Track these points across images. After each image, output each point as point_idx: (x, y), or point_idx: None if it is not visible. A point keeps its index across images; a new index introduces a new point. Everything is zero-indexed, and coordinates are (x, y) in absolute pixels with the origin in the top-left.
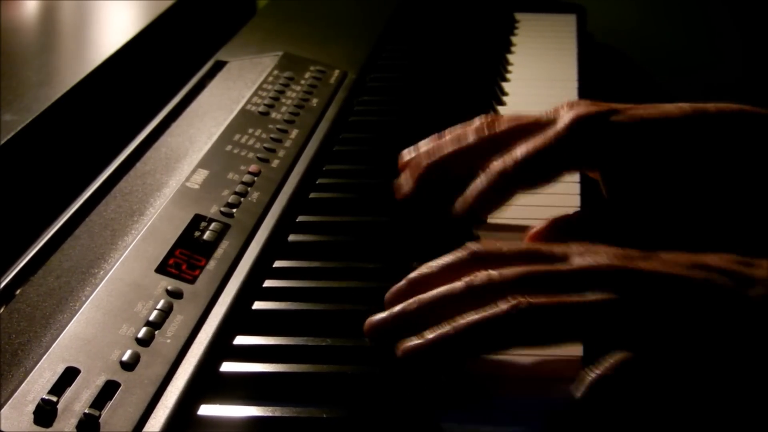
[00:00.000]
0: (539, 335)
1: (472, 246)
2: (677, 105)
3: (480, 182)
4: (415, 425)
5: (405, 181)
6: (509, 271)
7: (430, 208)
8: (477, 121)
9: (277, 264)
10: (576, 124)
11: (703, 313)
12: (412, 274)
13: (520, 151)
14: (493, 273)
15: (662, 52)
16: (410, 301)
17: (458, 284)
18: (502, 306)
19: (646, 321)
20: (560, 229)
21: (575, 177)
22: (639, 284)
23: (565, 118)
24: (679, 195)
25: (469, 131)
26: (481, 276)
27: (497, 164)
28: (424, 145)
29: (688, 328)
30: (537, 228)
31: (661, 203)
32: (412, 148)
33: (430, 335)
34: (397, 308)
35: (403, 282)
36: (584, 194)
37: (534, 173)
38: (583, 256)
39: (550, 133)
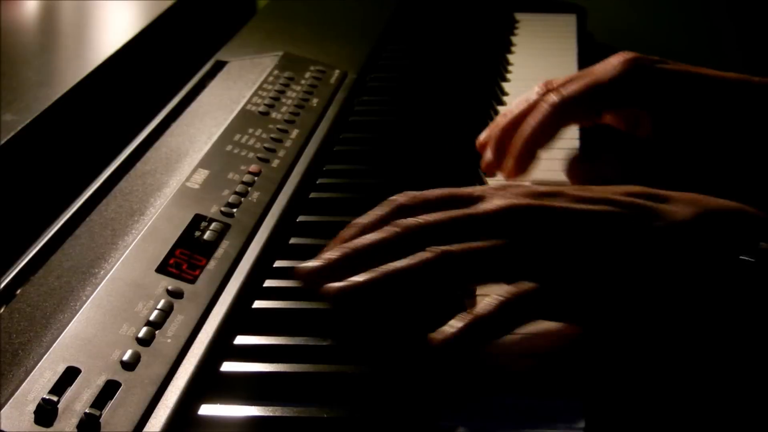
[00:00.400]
0: (456, 279)
1: (397, 197)
2: (722, 72)
3: (534, 116)
4: (415, 425)
5: (510, 166)
6: (429, 218)
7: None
8: (536, 89)
9: (278, 264)
10: (627, 63)
11: (605, 245)
12: (343, 230)
13: (572, 84)
14: (413, 221)
15: (662, 52)
16: (335, 251)
17: (381, 233)
18: (423, 255)
19: (552, 255)
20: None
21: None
22: (544, 220)
23: (615, 60)
24: (717, 153)
25: (534, 99)
26: (402, 224)
27: (551, 96)
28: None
29: (591, 259)
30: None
31: (691, 155)
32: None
33: (356, 279)
34: (325, 255)
35: (335, 239)
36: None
37: (583, 103)
38: (494, 198)
39: (600, 70)
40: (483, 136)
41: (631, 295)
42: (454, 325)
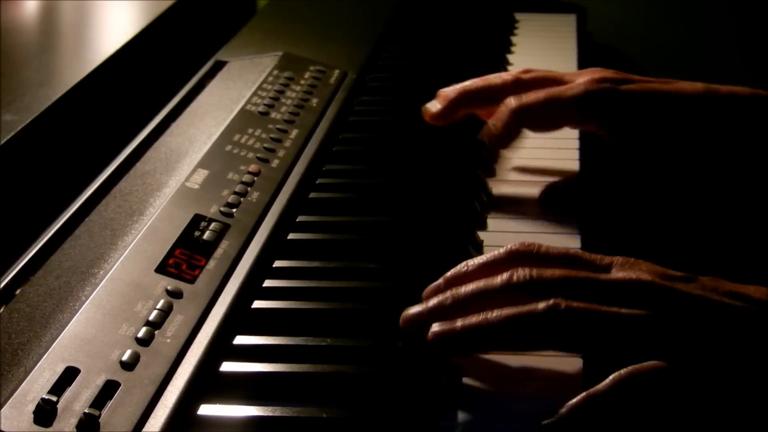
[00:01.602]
0: (571, 339)
1: (513, 245)
2: (692, 83)
3: (495, 116)
4: (415, 425)
5: (433, 104)
6: (550, 272)
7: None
8: (511, 71)
9: (277, 264)
10: (590, 83)
11: (734, 341)
12: (449, 272)
13: (534, 94)
14: (534, 272)
15: (662, 52)
16: (446, 294)
17: (496, 280)
18: (540, 305)
19: (678, 340)
20: (558, 190)
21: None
22: (676, 304)
23: (582, 77)
24: (680, 167)
25: (501, 74)
26: (520, 273)
27: (511, 100)
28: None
29: (717, 352)
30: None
31: (659, 172)
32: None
33: (461, 322)
34: (433, 301)
35: (440, 280)
36: (583, 160)
37: (540, 115)
38: (624, 269)
39: (565, 86)
40: (443, 90)
41: (754, 394)
42: (573, 400)
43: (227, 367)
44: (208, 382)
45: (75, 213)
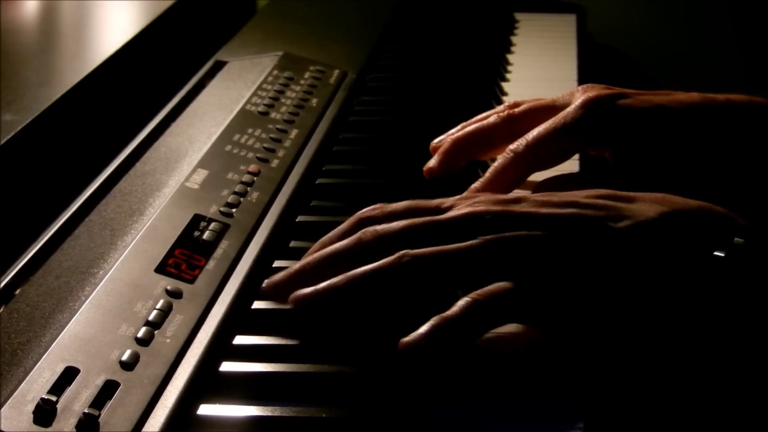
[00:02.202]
0: (424, 283)
1: (363, 210)
2: (688, 93)
3: (496, 163)
4: (415, 425)
5: (432, 161)
6: (394, 225)
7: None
8: (500, 107)
9: (277, 264)
10: (587, 105)
11: (570, 246)
12: (312, 247)
13: (533, 133)
14: (379, 228)
15: (662, 52)
16: (297, 264)
17: (347, 241)
18: (386, 260)
19: (520, 257)
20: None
21: (575, 165)
22: (511, 225)
23: (577, 100)
24: (684, 177)
25: (491, 113)
26: (368, 232)
27: (512, 146)
28: (451, 131)
29: (557, 261)
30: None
31: (664, 184)
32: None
33: (321, 285)
34: (292, 268)
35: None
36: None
37: (545, 153)
38: (461, 206)
39: (560, 115)
40: (435, 141)
41: (599, 294)
42: (422, 328)
43: (227, 367)
44: (207, 382)
45: (75, 213)
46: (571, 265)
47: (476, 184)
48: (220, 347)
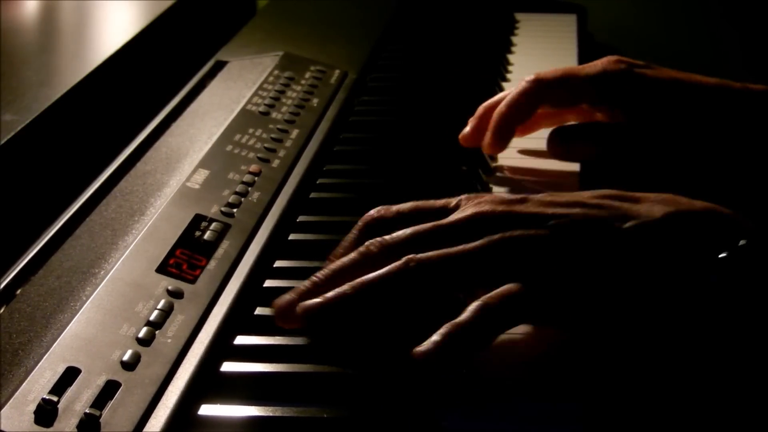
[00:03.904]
0: (431, 286)
1: (369, 213)
2: (706, 76)
3: (512, 93)
4: (415, 425)
5: (487, 139)
6: (399, 234)
7: None
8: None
9: (278, 264)
10: (606, 66)
11: (576, 246)
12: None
13: (551, 70)
14: (386, 238)
15: (662, 52)
16: (308, 281)
17: (354, 254)
18: (392, 266)
19: (526, 257)
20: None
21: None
22: (517, 224)
23: (600, 61)
24: (688, 161)
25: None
26: (374, 244)
27: (527, 77)
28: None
29: (565, 260)
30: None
31: (666, 165)
32: None
33: (329, 294)
34: (300, 287)
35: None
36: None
37: (555, 91)
38: (466, 208)
39: (581, 66)
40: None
41: (605, 294)
42: (435, 336)
43: (228, 367)
44: (208, 382)
45: (76, 213)
46: (577, 265)
47: (488, 102)
48: (221, 347)
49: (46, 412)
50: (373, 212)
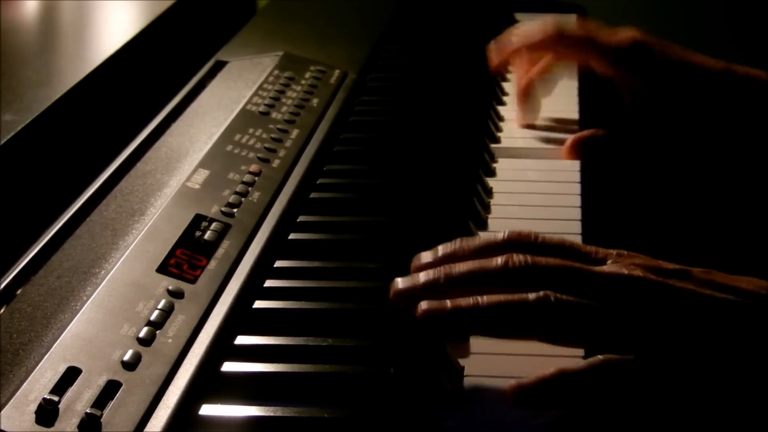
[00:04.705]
0: (558, 331)
1: (511, 232)
2: (714, 59)
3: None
4: (415, 425)
5: (523, 82)
6: (545, 261)
7: None
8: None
9: (278, 264)
10: (637, 33)
11: (724, 335)
12: (443, 247)
13: (579, 33)
14: (530, 259)
15: None
16: (439, 272)
17: (492, 263)
18: (531, 295)
19: (664, 336)
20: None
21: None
22: (665, 300)
23: (619, 34)
24: (691, 147)
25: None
26: (516, 260)
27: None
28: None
29: (707, 347)
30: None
31: (670, 151)
32: None
33: (451, 303)
34: (426, 277)
35: (431, 252)
36: (584, 195)
37: (570, 49)
38: (618, 263)
39: (605, 34)
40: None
41: (746, 390)
42: (545, 372)
43: (229, 367)
44: (209, 382)
45: (76, 213)
46: (726, 353)
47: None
48: (222, 347)
49: (47, 412)
50: (519, 232)
